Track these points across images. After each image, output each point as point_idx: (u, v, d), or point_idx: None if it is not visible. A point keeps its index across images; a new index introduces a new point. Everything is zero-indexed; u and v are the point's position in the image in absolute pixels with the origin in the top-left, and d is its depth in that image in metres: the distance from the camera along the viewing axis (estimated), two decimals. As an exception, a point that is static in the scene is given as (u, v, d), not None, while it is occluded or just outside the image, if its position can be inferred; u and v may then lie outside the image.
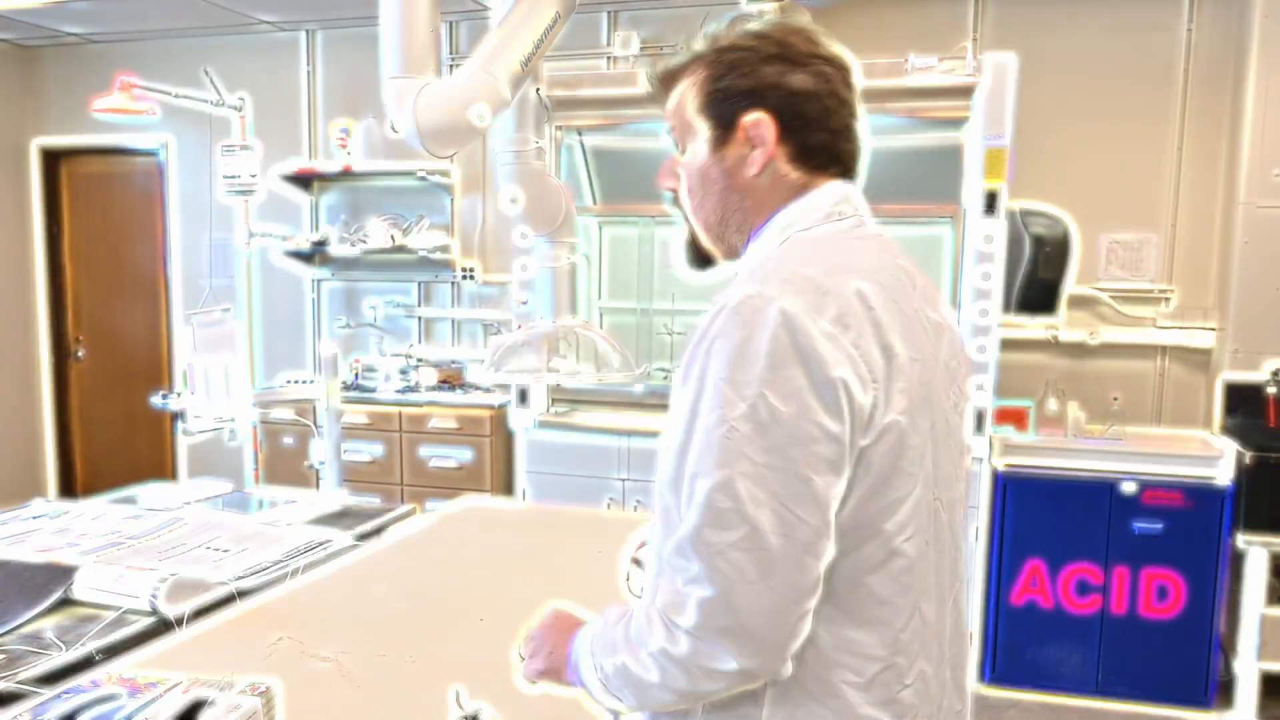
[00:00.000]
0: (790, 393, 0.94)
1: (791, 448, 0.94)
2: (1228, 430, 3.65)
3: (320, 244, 4.85)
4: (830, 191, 1.12)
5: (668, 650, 0.95)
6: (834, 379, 0.95)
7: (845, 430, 0.96)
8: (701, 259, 1.21)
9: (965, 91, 3.45)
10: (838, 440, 0.95)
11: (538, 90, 1.83)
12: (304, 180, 4.95)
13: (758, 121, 1.09)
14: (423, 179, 4.63)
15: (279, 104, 5.00)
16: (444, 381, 4.61)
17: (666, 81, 1.18)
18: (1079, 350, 3.99)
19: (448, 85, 1.66)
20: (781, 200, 1.11)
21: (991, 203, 3.39)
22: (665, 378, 4.29)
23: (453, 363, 4.85)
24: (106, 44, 5.28)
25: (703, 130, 1.13)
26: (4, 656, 1.52)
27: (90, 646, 1.58)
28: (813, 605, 0.96)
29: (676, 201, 1.20)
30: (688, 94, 1.14)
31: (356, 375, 4.87)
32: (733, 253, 1.16)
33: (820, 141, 1.11)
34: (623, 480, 3.87)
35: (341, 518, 2.43)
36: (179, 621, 1.71)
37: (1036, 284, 3.92)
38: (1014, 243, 3.59)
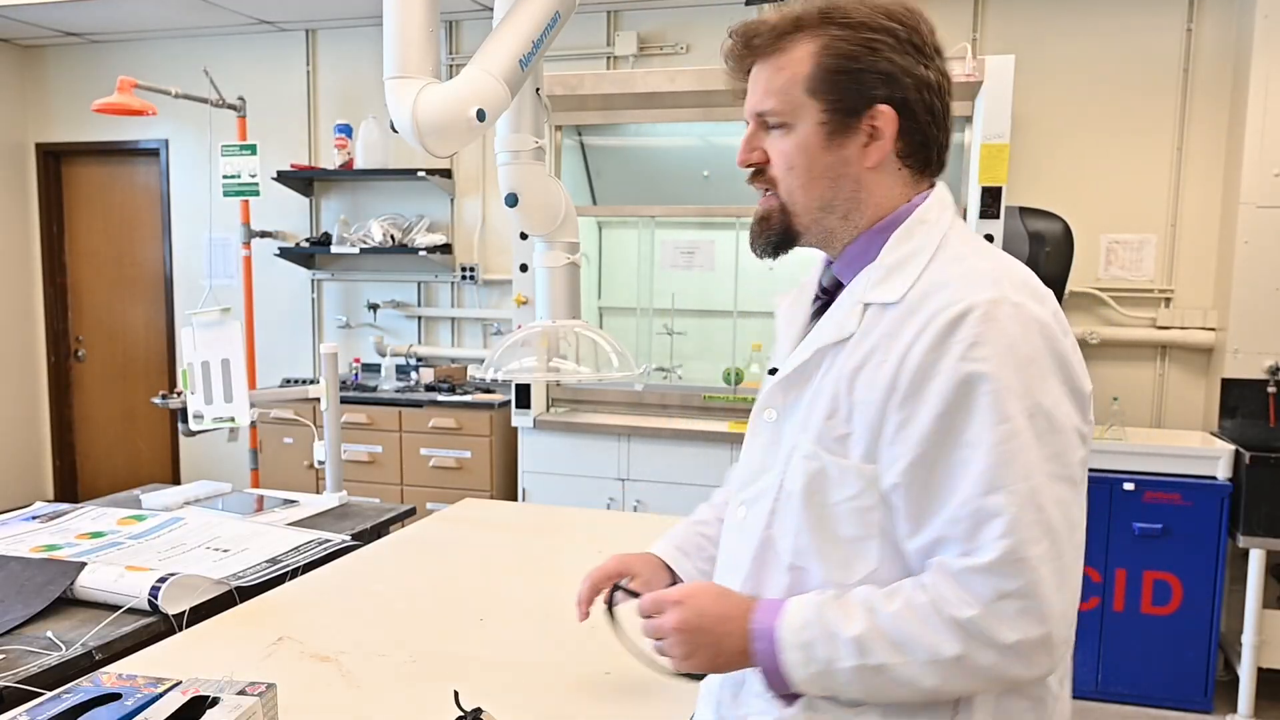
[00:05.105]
0: (1056, 400, 0.95)
1: (1066, 453, 0.94)
2: (1227, 430, 3.66)
3: (320, 244, 4.85)
4: (945, 190, 1.11)
5: (969, 658, 0.92)
6: (1083, 390, 0.99)
7: (1090, 436, 1.00)
8: (777, 243, 1.09)
9: (965, 91, 3.45)
10: (1087, 446, 0.99)
11: (538, 90, 1.83)
12: (304, 180, 4.95)
13: (885, 115, 1.02)
14: (423, 178, 4.64)
15: (279, 104, 5.01)
16: (444, 381, 4.61)
17: (772, 42, 1.04)
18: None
19: (447, 85, 1.66)
20: (892, 194, 1.07)
21: (991, 202, 3.39)
22: (665, 377, 4.29)
23: (453, 362, 4.85)
24: (106, 44, 5.28)
25: (814, 109, 1.03)
26: (4, 656, 1.52)
27: (90, 646, 1.59)
28: None
29: (759, 178, 1.09)
30: (802, 65, 1.03)
31: (356, 375, 4.87)
32: (828, 239, 1.09)
33: (935, 139, 1.07)
34: (622, 480, 3.87)
35: (341, 518, 2.44)
36: (179, 621, 1.72)
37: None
38: (1013, 242, 3.59)
